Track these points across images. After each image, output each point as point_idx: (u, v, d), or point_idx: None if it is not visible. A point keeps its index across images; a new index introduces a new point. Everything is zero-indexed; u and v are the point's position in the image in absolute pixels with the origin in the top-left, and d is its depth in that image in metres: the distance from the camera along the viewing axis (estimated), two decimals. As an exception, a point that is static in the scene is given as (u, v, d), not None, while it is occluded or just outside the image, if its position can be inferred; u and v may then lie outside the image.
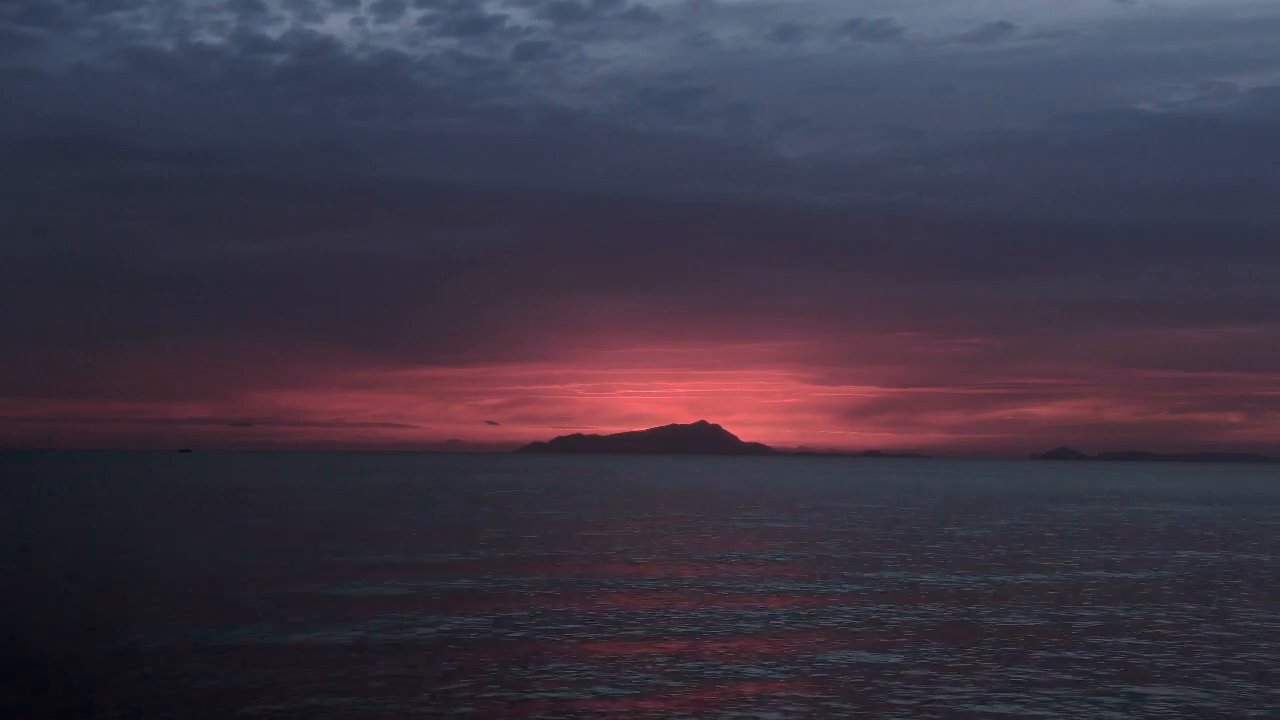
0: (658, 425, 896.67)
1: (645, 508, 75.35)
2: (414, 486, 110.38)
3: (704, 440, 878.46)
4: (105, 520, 58.05)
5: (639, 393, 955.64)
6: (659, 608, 28.25)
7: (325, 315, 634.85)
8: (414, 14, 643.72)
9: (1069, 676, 20.47)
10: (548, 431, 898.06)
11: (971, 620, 26.81)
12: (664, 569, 36.97)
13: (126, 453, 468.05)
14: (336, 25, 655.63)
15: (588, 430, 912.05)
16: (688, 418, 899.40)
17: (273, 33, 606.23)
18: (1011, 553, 44.38)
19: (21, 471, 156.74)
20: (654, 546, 45.29)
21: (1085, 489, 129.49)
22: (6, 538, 47.06)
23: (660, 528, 56.35)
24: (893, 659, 21.84)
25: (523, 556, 40.38)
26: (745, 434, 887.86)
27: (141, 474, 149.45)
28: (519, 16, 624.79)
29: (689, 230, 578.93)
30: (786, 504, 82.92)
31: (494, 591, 30.86)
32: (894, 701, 18.43)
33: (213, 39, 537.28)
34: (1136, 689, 19.56)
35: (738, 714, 17.48)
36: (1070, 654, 22.66)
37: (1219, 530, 60.47)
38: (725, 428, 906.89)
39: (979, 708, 18.06)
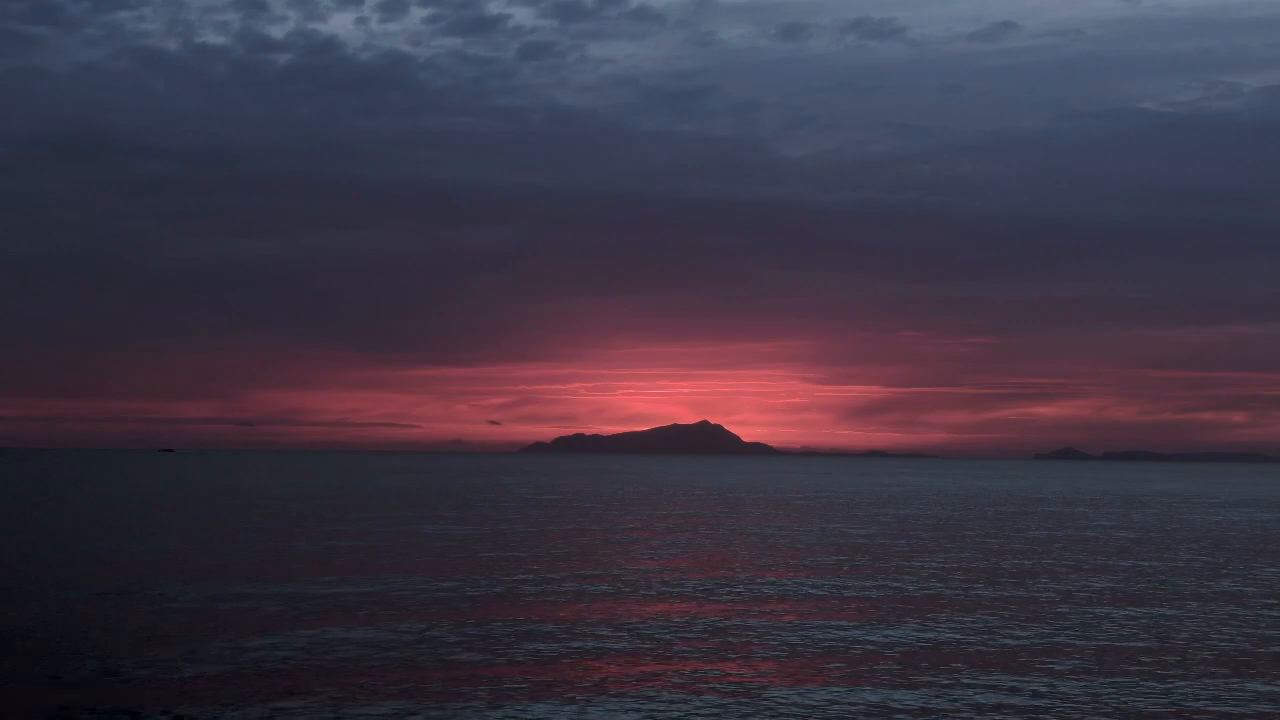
0: (660, 425, 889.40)
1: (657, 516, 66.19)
2: (402, 490, 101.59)
3: (706, 440, 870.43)
4: None
5: (642, 392, 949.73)
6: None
7: (330, 315, 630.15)
8: (418, 13, 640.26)
9: None
10: (551, 431, 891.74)
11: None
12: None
13: (105, 452, 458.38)
14: (340, 25, 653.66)
15: (590, 430, 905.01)
16: (691, 417, 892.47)
17: (277, 32, 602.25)
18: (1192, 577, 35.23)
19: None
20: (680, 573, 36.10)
21: (1128, 493, 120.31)
22: None
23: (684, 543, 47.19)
24: None
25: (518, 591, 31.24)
26: (748, 434, 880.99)
27: (99, 477, 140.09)
28: (523, 16, 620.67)
29: (694, 229, 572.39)
30: (846, 510, 73.88)
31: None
32: None
33: (217, 38, 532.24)
34: None
35: None
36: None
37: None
38: (728, 427, 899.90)
39: None
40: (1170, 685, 19.04)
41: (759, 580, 32.90)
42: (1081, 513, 73.32)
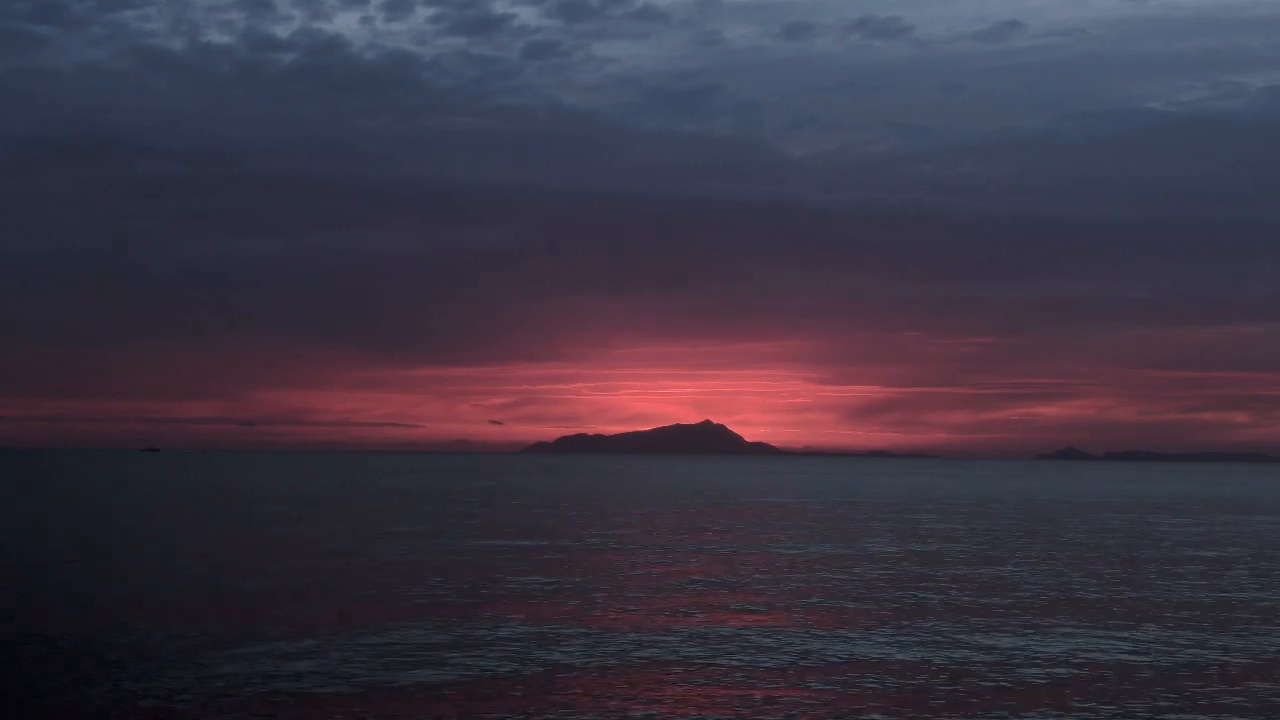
0: (662, 425, 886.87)
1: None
2: (403, 490, 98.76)
3: (708, 440, 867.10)
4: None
5: (645, 392, 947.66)
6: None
7: (332, 314, 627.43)
8: (423, 13, 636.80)
9: None
10: (553, 431, 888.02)
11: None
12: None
13: (86, 452, 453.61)
14: (345, 24, 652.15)
15: (592, 430, 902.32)
16: (693, 417, 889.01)
17: (281, 31, 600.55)
18: None
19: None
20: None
21: (1177, 495, 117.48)
22: None
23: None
24: None
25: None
26: (750, 434, 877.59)
27: (60, 480, 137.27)
28: (527, 15, 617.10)
29: (696, 229, 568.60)
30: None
31: None
32: None
33: (221, 38, 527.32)
34: None
35: None
36: None
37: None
38: (730, 428, 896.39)
39: None
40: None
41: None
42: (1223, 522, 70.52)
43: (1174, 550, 46.36)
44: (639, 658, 21.52)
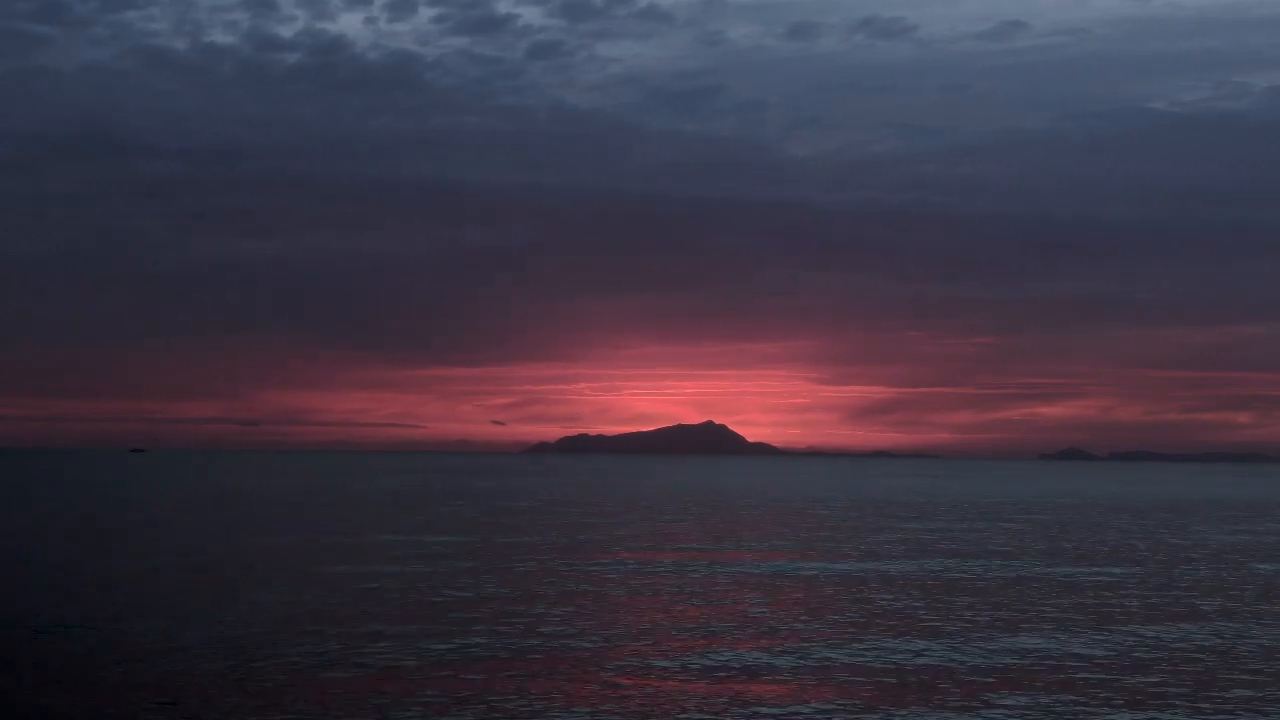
0: (665, 425, 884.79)
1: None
2: (396, 492, 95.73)
3: (710, 440, 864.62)
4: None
5: (647, 393, 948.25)
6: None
7: (335, 315, 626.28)
8: (426, 13, 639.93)
9: None
10: (555, 431, 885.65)
11: None
12: None
13: (74, 452, 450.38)
14: (349, 24, 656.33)
15: (594, 430, 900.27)
16: (695, 418, 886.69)
17: (285, 31, 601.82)
18: None
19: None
20: None
21: (1212, 497, 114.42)
22: None
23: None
24: None
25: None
26: (752, 434, 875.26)
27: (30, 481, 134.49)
28: (531, 15, 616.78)
29: (699, 229, 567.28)
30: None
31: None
32: None
33: (225, 38, 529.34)
34: None
35: None
36: None
37: None
38: (732, 428, 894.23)
39: None
40: None
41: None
42: None
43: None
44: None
